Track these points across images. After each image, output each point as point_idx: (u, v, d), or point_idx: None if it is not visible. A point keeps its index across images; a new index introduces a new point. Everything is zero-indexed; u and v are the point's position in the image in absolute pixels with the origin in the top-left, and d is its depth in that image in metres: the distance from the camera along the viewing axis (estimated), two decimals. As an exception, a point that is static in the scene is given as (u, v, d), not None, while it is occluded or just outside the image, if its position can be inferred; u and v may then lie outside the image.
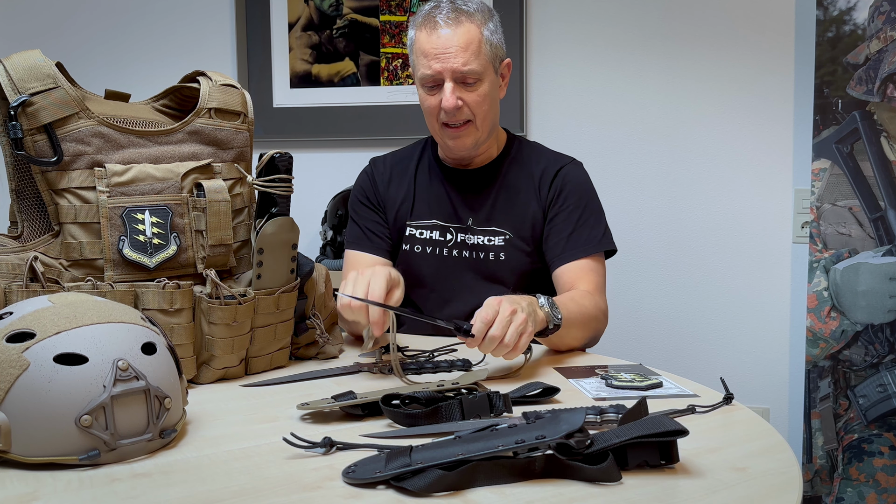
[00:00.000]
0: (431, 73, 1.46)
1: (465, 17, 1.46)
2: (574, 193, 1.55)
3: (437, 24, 1.46)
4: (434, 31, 1.46)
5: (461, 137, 1.50)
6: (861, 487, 2.10)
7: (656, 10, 2.36)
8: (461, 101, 1.46)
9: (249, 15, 2.57)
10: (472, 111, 1.48)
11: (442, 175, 1.61)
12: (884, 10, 2.05)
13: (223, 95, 1.22)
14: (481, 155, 1.58)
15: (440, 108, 1.47)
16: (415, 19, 1.51)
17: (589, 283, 1.48)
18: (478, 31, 1.46)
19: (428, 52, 1.46)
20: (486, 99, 1.49)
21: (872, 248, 2.08)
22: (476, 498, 0.78)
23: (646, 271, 2.42)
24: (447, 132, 1.51)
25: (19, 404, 0.82)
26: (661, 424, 0.83)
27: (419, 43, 1.48)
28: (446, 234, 1.58)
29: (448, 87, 1.45)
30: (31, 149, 1.08)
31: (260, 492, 0.79)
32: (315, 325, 1.30)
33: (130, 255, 1.11)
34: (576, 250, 1.51)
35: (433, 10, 1.48)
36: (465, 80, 1.46)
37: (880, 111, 2.07)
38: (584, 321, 1.38)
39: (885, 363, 2.08)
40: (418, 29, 1.49)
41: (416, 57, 1.49)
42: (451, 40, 1.44)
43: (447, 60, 1.44)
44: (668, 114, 2.37)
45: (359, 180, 1.67)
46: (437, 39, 1.45)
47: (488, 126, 1.52)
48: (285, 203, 1.23)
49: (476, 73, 1.46)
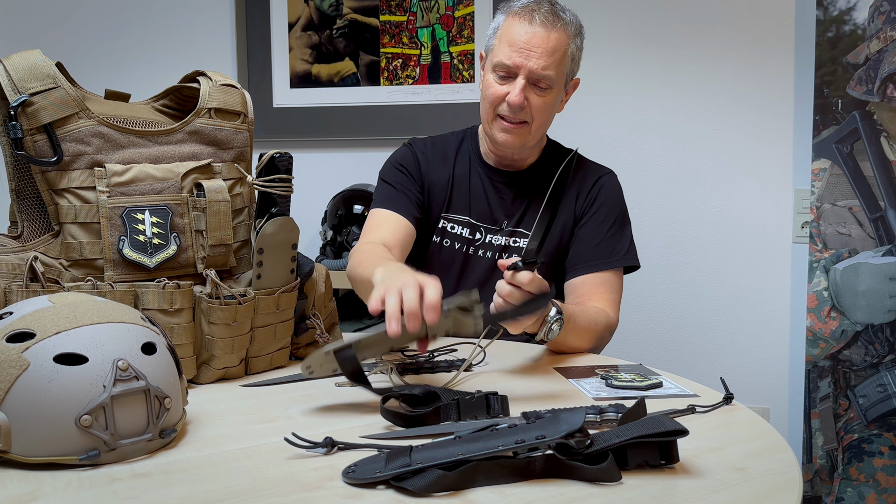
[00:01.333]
0: (511, 63, 1.45)
1: (561, 23, 1.46)
2: (607, 204, 1.57)
3: (534, 19, 1.45)
4: (529, 25, 1.45)
5: (512, 134, 1.50)
6: (861, 487, 2.10)
7: (656, 9, 2.36)
8: (526, 102, 1.46)
9: (249, 15, 2.57)
10: (533, 115, 1.48)
11: (482, 171, 1.61)
12: (884, 10, 2.05)
13: (223, 95, 1.22)
14: (524, 159, 1.59)
15: (503, 99, 1.47)
16: (509, 5, 1.50)
17: (604, 300, 1.49)
18: (567, 41, 1.47)
19: (514, 42, 1.45)
20: (549, 108, 1.50)
21: (872, 248, 2.09)
22: (476, 498, 0.77)
23: (646, 271, 2.42)
24: (500, 124, 1.50)
25: (19, 404, 0.82)
26: (661, 424, 0.83)
27: (508, 29, 1.47)
28: (476, 232, 1.58)
29: (520, 84, 1.45)
30: (31, 149, 1.08)
31: (260, 492, 0.79)
32: (315, 325, 1.30)
33: (130, 255, 1.11)
34: (598, 261, 1.52)
35: (534, 3, 1.48)
36: (537, 83, 1.46)
37: (880, 111, 2.07)
38: (586, 334, 1.37)
39: (885, 363, 2.08)
40: (512, 16, 1.48)
41: (500, 42, 1.48)
42: (541, 40, 1.44)
43: (530, 58, 1.44)
44: (668, 113, 2.37)
45: (399, 153, 1.65)
46: (528, 34, 1.44)
47: (540, 133, 1.54)
48: (285, 203, 1.23)
49: (550, 80, 1.46)
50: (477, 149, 1.64)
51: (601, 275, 1.52)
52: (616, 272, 1.54)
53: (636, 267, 1.58)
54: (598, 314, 1.43)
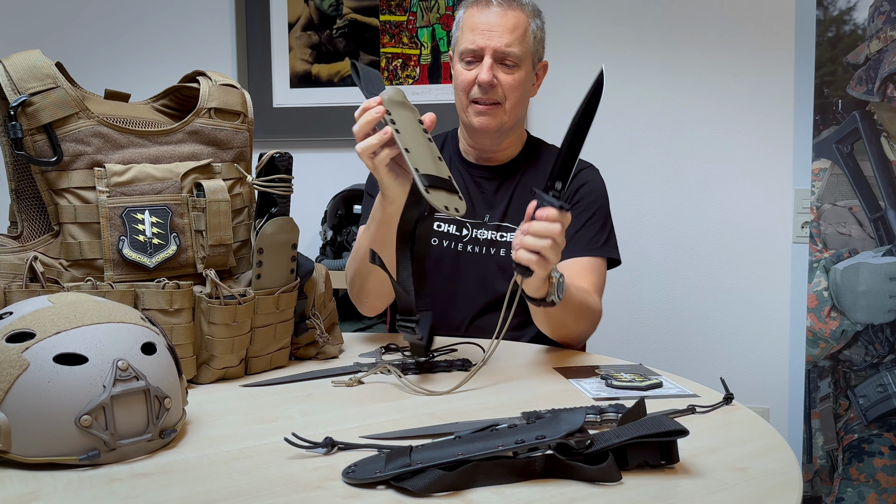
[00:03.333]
0: (474, 47, 1.48)
1: (517, 3, 1.51)
2: (588, 196, 1.57)
3: (491, 3, 1.50)
4: (486, 9, 1.49)
5: (487, 116, 1.51)
6: (861, 487, 2.10)
7: (656, 9, 2.36)
8: (496, 80, 1.48)
9: (249, 15, 2.57)
10: (505, 93, 1.50)
11: (463, 168, 1.62)
12: (884, 10, 2.05)
13: (223, 95, 1.22)
14: (503, 151, 1.59)
15: (474, 82, 1.49)
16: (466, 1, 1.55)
17: (589, 284, 1.47)
18: (526, 19, 1.50)
19: (475, 27, 1.49)
20: (521, 86, 1.51)
21: (872, 248, 2.08)
22: (476, 498, 0.77)
23: (646, 271, 2.42)
24: (475, 108, 1.52)
25: (19, 404, 0.82)
26: (661, 424, 0.83)
27: (467, 18, 1.51)
28: (462, 228, 1.59)
29: (486, 63, 1.48)
30: (31, 149, 1.08)
31: (260, 492, 0.79)
32: (315, 325, 1.30)
33: (130, 255, 1.11)
34: (578, 247, 1.51)
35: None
36: (504, 61, 1.48)
37: (880, 111, 2.06)
38: (580, 311, 1.36)
39: (885, 363, 2.08)
40: (469, 7, 1.52)
41: (462, 32, 1.52)
42: (500, 19, 1.48)
43: (492, 38, 1.47)
44: (669, 114, 2.37)
45: None
46: (486, 16, 1.49)
47: (516, 115, 1.54)
48: (285, 203, 1.23)
49: (516, 56, 1.48)
50: (457, 148, 1.65)
51: (584, 259, 1.50)
52: (597, 260, 1.52)
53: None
54: (586, 293, 1.41)
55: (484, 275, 1.56)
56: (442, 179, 1.15)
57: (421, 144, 1.18)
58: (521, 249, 1.16)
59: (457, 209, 1.15)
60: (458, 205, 1.15)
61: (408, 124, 1.20)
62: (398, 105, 1.21)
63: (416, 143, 1.17)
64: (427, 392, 1.13)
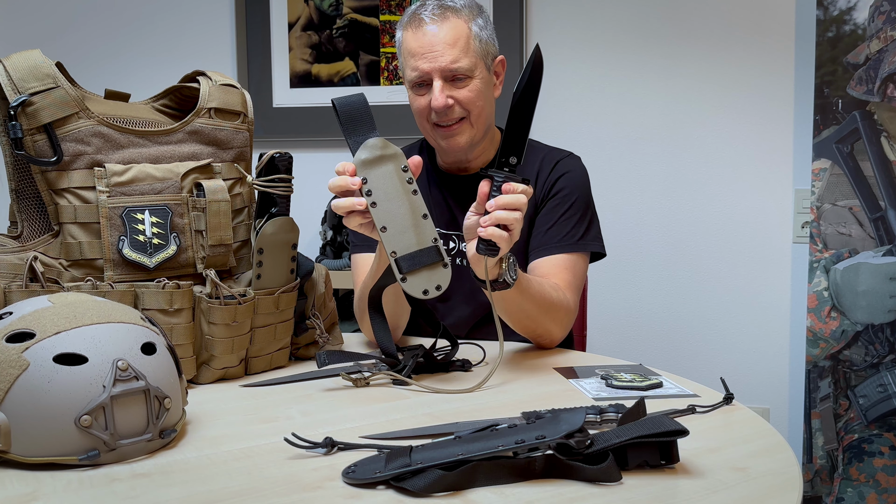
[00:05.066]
0: (419, 73, 1.42)
1: (451, 12, 1.42)
2: (565, 187, 1.51)
3: (423, 21, 1.41)
4: (419, 29, 1.41)
5: (455, 136, 1.46)
6: (861, 487, 2.10)
7: (656, 10, 2.36)
8: (451, 100, 1.42)
9: (249, 15, 2.57)
10: (466, 108, 1.43)
11: (439, 181, 1.57)
12: (884, 10, 2.05)
13: (223, 95, 1.22)
14: (478, 158, 1.54)
15: (430, 108, 1.43)
16: (401, 20, 1.47)
17: (560, 280, 1.42)
18: (465, 26, 1.42)
19: (415, 52, 1.41)
20: (480, 95, 1.44)
21: (872, 248, 2.08)
22: (476, 498, 0.77)
23: (646, 271, 2.42)
24: (439, 132, 1.46)
25: (19, 404, 0.82)
26: (661, 424, 0.83)
27: (405, 43, 1.44)
28: (449, 241, 1.54)
29: (437, 86, 1.41)
30: (31, 149, 1.08)
31: (260, 492, 0.79)
32: (315, 325, 1.30)
33: (130, 255, 1.11)
34: (550, 246, 1.46)
35: (419, 8, 1.44)
36: (454, 78, 1.42)
37: (880, 111, 2.07)
38: (543, 302, 1.33)
39: (885, 363, 2.08)
40: (404, 29, 1.45)
41: (404, 58, 1.45)
42: (437, 37, 1.40)
43: (434, 59, 1.40)
44: (669, 114, 2.37)
45: None
46: (423, 37, 1.41)
47: (483, 124, 1.48)
48: (285, 203, 1.23)
49: (465, 69, 1.41)
50: (433, 159, 1.60)
51: (557, 257, 1.45)
52: (574, 256, 1.46)
53: (602, 255, 1.53)
54: (551, 287, 1.37)
55: (475, 287, 1.50)
56: (424, 252, 1.13)
57: (402, 208, 1.13)
58: (491, 226, 1.13)
59: (438, 287, 1.12)
60: (441, 280, 1.12)
61: (388, 185, 1.14)
62: (378, 162, 1.15)
63: (395, 212, 1.13)
64: (442, 391, 1.12)
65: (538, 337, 1.39)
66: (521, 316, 1.33)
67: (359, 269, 1.55)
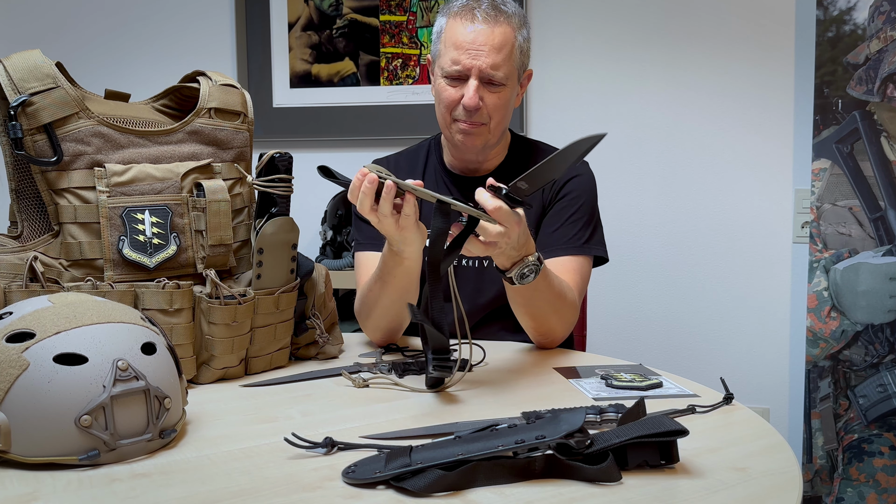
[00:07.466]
0: (460, 67, 1.41)
1: (503, 17, 1.41)
2: (574, 190, 1.52)
3: (476, 17, 1.40)
4: (471, 24, 1.40)
5: (472, 135, 1.45)
6: (861, 487, 2.10)
7: (656, 9, 2.36)
8: (482, 102, 1.42)
9: (249, 15, 2.57)
10: (490, 114, 1.44)
11: (449, 181, 1.57)
12: (884, 10, 2.05)
13: (223, 95, 1.22)
14: (489, 161, 1.54)
15: (459, 103, 1.43)
16: (448, 7, 1.46)
17: (568, 281, 1.42)
18: (513, 34, 1.42)
19: (460, 44, 1.40)
20: (506, 104, 1.45)
21: (872, 248, 2.08)
22: (476, 498, 0.77)
23: (646, 271, 2.42)
24: (459, 126, 1.45)
25: (19, 404, 0.82)
26: (661, 424, 0.83)
27: (452, 32, 1.42)
28: None
29: (472, 85, 1.40)
30: (31, 149, 1.08)
31: (260, 492, 0.79)
32: (315, 325, 1.30)
33: (130, 255, 1.11)
34: (557, 247, 1.47)
35: (473, 0, 1.43)
36: (490, 81, 1.42)
37: (880, 111, 2.07)
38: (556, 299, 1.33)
39: (885, 363, 2.08)
40: (452, 17, 1.43)
41: (445, 46, 1.44)
42: (486, 37, 1.39)
43: (478, 57, 1.39)
44: (668, 113, 2.37)
45: None
46: (472, 33, 1.39)
47: (500, 132, 1.49)
48: (285, 203, 1.23)
49: (501, 77, 1.41)
50: (441, 159, 1.59)
51: (564, 259, 1.46)
52: (580, 259, 1.47)
53: (605, 260, 1.53)
54: (568, 289, 1.38)
55: (478, 287, 1.52)
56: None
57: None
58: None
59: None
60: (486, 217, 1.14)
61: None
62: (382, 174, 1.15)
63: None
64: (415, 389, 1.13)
65: (541, 335, 1.39)
66: (535, 311, 1.33)
67: (363, 267, 1.54)
